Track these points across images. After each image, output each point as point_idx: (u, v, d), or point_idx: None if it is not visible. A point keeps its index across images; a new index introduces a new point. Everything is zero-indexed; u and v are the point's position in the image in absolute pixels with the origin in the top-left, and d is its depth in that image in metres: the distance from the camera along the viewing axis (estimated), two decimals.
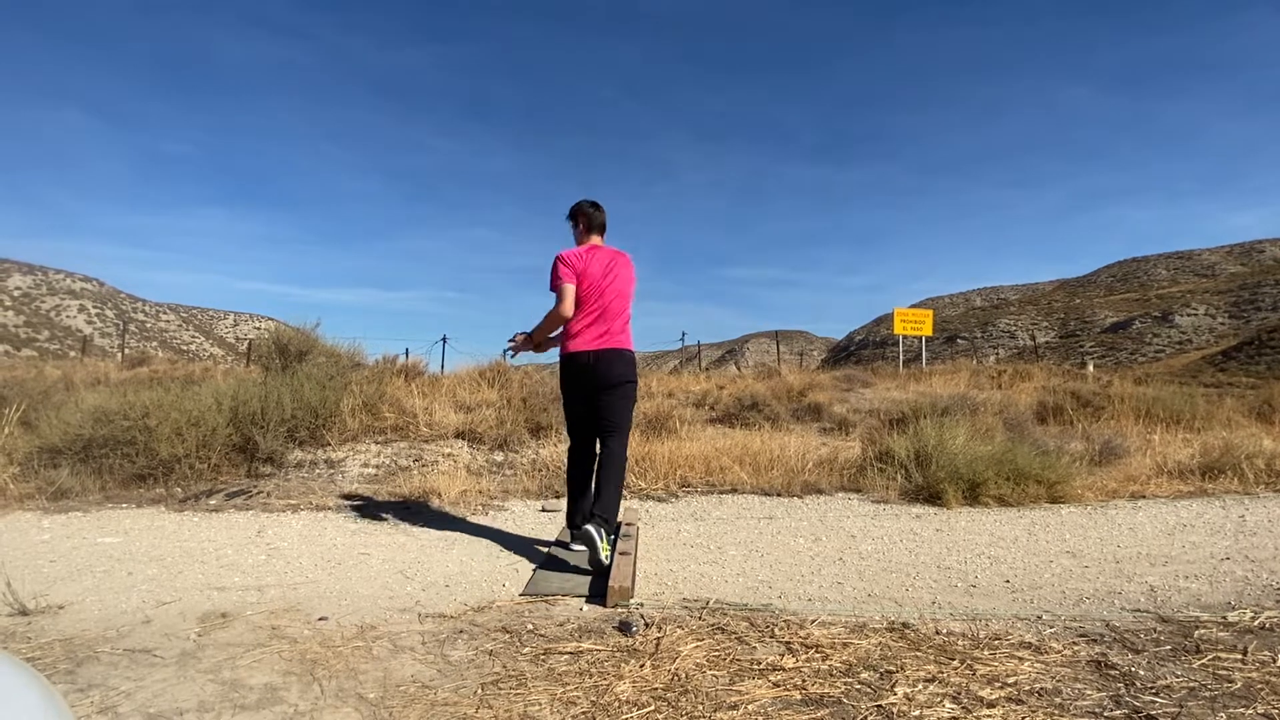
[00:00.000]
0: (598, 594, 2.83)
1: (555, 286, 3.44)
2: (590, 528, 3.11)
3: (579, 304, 3.43)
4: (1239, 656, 2.18)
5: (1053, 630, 2.47)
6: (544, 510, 4.83)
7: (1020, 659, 2.16)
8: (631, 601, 2.75)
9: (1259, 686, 1.95)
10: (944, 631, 2.43)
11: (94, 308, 75.11)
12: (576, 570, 3.17)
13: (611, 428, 3.42)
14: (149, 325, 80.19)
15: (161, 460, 5.26)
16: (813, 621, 2.50)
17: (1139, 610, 2.73)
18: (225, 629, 2.46)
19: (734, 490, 5.69)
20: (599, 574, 3.07)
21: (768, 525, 4.49)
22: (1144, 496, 5.70)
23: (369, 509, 4.72)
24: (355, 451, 6.44)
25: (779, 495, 5.60)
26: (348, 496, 5.15)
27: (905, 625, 2.48)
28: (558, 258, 3.47)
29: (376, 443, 6.75)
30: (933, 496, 5.38)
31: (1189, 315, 52.93)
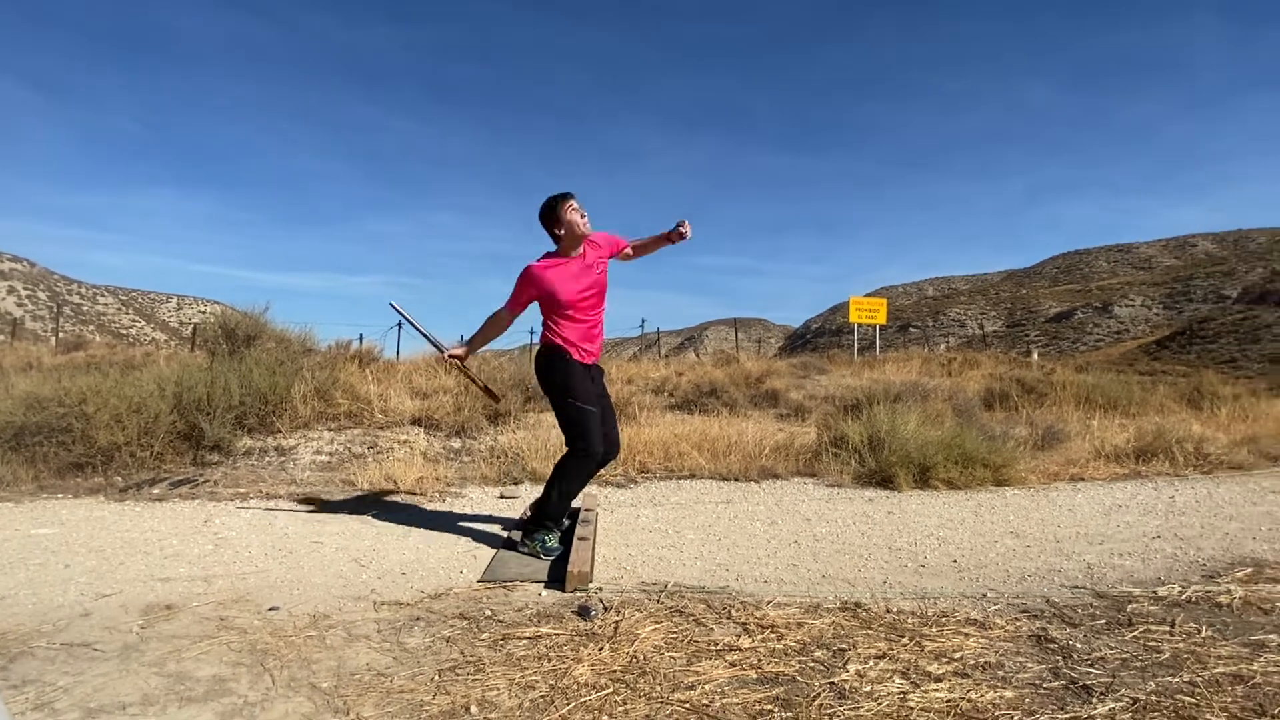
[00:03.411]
0: (556, 579, 2.83)
1: None
2: (512, 533, 3.25)
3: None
4: (1168, 629, 2.30)
5: (997, 607, 2.56)
6: (502, 497, 4.80)
7: (966, 635, 2.24)
8: (590, 586, 2.76)
9: (1185, 656, 2.06)
10: (894, 610, 2.50)
11: (24, 289, 71.38)
12: (535, 555, 3.16)
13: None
14: (85, 308, 76.64)
15: (100, 448, 5.06)
16: (768, 602, 2.55)
17: (1077, 587, 2.85)
18: (170, 621, 2.38)
19: (692, 476, 5.73)
20: (559, 560, 3.07)
21: (725, 509, 4.55)
22: (1083, 479, 5.95)
23: (322, 497, 4.63)
24: (307, 439, 6.29)
25: (736, 480, 5.67)
26: (300, 484, 5.04)
27: (858, 605, 2.54)
28: None
29: (330, 430, 6.60)
30: (885, 480, 5.52)
31: (1127, 306, 55.20)
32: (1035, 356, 15.11)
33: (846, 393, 10.19)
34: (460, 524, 4.00)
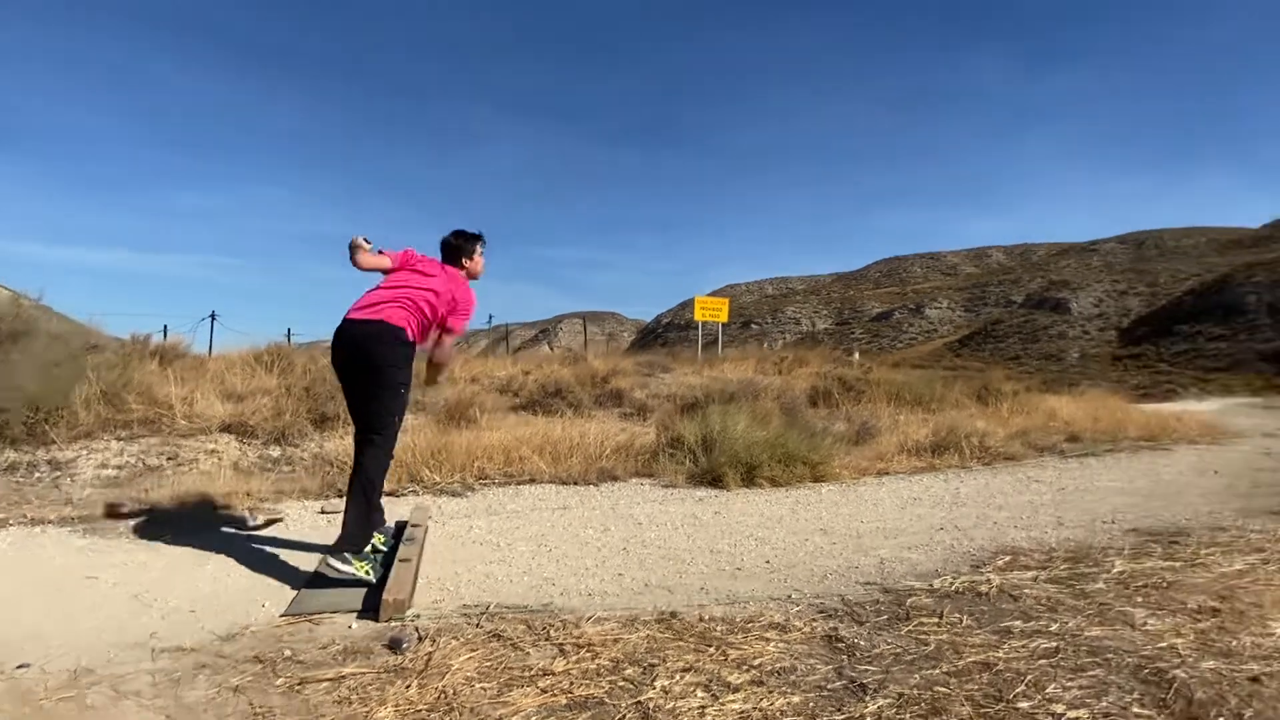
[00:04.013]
0: (371, 608, 2.69)
1: None
2: (332, 561, 2.96)
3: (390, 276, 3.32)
4: (936, 620, 2.60)
5: (798, 609, 2.77)
6: (323, 513, 4.50)
7: (767, 640, 2.40)
8: (407, 613, 2.65)
9: (946, 647, 2.34)
10: (707, 618, 2.62)
11: None
12: (351, 582, 2.98)
13: (365, 426, 3.11)
14: None
15: None
16: (588, 619, 2.58)
17: (869, 583, 3.15)
18: None
19: (532, 480, 5.69)
20: (375, 586, 2.92)
21: (561, 516, 4.56)
22: (888, 473, 6.58)
23: (104, 520, 4.08)
24: (90, 450, 5.53)
25: (576, 484, 5.71)
26: (78, 505, 4.41)
27: (673, 615, 2.65)
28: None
29: (119, 439, 5.85)
30: (716, 480, 5.79)
31: (936, 308, 61.99)
32: (856, 356, 16.54)
33: (687, 391, 10.59)
34: (270, 547, 3.69)
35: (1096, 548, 3.73)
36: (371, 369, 3.04)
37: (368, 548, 3.06)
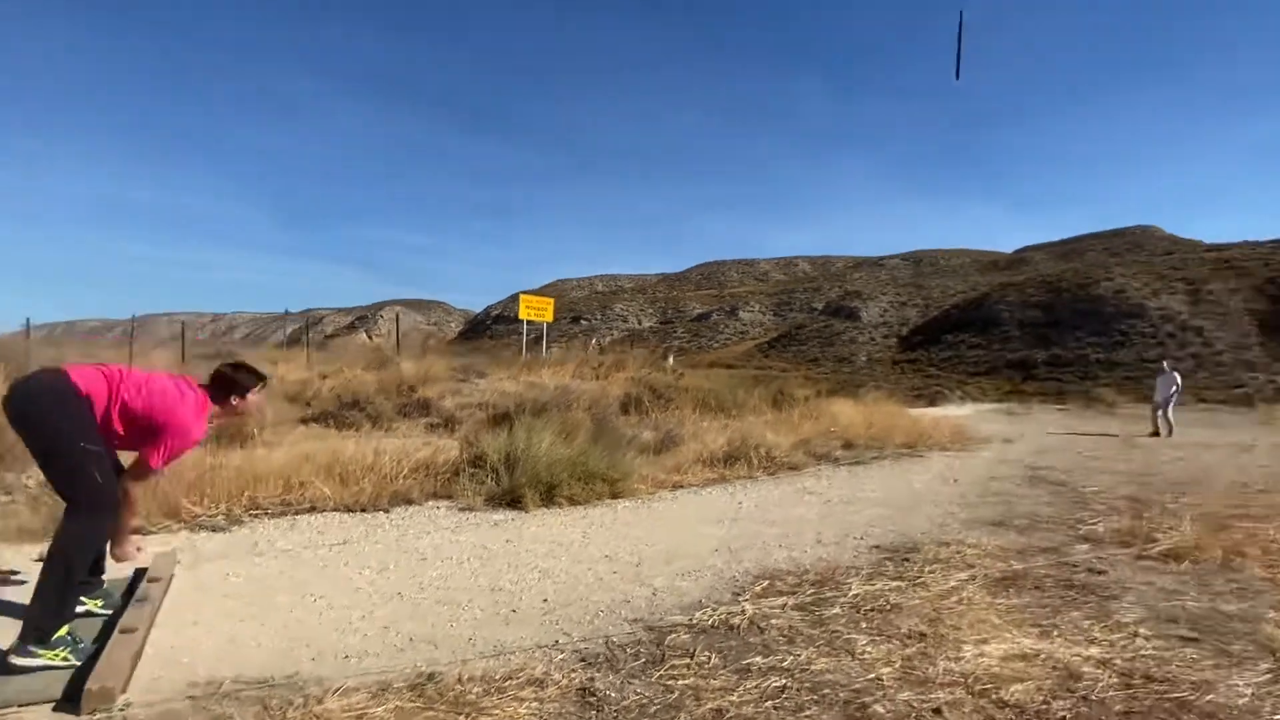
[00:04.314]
0: (73, 697, 2.34)
1: None
2: (14, 657, 2.54)
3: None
4: (687, 662, 2.77)
5: (562, 656, 2.82)
6: (37, 560, 3.85)
7: (522, 700, 2.41)
8: (118, 702, 2.33)
9: (689, 693, 2.50)
10: (467, 678, 2.59)
11: None
12: (53, 664, 2.58)
13: (59, 495, 2.76)
14: None
15: None
16: (335, 691, 2.44)
17: (636, 620, 3.28)
18: None
19: (313, 509, 5.30)
20: (85, 666, 2.54)
21: (337, 554, 4.28)
22: (683, 486, 6.91)
23: None
24: None
25: (365, 510, 5.40)
26: None
27: (431, 677, 2.58)
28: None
29: None
30: (515, 500, 5.75)
31: (749, 312, 66.66)
32: (670, 361, 17.26)
33: (501, 400, 10.45)
34: None
35: (842, 568, 4.18)
36: (36, 426, 2.64)
37: (62, 630, 2.66)
